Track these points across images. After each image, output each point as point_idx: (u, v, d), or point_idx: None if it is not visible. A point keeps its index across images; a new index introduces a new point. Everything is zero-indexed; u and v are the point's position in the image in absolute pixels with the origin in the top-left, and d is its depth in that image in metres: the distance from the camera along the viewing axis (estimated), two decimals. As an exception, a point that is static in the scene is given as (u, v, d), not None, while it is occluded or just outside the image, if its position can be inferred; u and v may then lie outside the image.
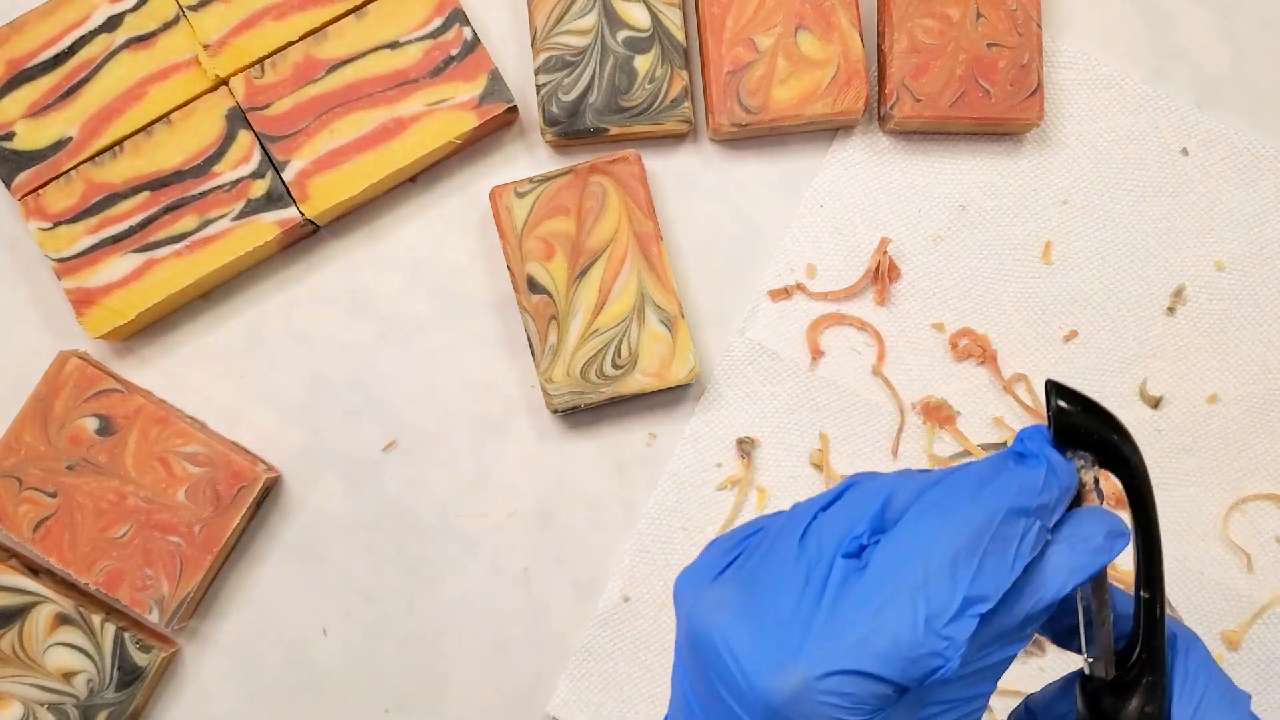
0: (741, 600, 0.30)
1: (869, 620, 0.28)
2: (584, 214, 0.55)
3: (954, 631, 0.28)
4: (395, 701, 0.57)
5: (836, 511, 0.31)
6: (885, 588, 0.28)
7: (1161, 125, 0.59)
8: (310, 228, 0.58)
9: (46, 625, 0.53)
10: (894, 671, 0.28)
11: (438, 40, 0.57)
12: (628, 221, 0.55)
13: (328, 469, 0.58)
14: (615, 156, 0.56)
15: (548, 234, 0.55)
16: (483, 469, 0.58)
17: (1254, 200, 0.59)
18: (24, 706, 0.53)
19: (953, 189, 0.59)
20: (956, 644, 0.28)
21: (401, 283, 0.59)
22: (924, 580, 0.28)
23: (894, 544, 0.29)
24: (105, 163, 0.56)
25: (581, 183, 0.56)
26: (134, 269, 0.55)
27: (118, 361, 0.58)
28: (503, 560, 0.57)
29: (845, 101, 0.56)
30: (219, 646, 0.57)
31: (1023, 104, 0.56)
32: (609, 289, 0.55)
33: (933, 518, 0.29)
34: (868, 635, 0.28)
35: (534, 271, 0.55)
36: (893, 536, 0.29)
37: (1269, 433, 0.57)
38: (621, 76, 0.57)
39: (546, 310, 0.55)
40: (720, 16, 0.56)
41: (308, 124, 0.56)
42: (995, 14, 0.56)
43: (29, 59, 0.56)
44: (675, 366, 0.55)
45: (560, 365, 0.55)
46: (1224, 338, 0.58)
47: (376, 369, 0.58)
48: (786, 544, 0.30)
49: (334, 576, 0.57)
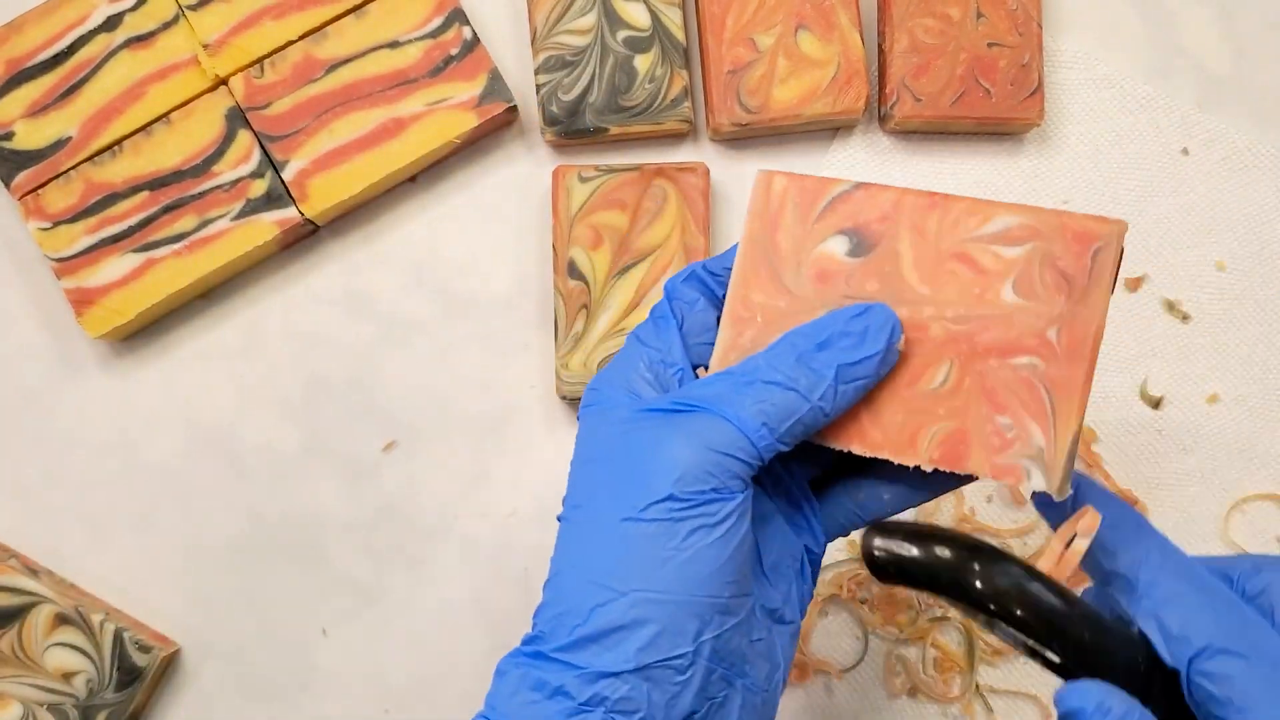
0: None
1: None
2: (640, 214, 0.55)
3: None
4: (395, 701, 0.57)
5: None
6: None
7: (1162, 125, 0.59)
8: (310, 227, 0.58)
9: (46, 625, 0.53)
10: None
11: (437, 40, 0.56)
12: (680, 231, 0.55)
13: (327, 469, 0.58)
14: (684, 165, 0.56)
15: (599, 224, 0.55)
16: (483, 469, 0.58)
17: (1254, 200, 0.59)
18: (23, 707, 0.53)
19: (953, 189, 0.59)
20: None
21: (401, 283, 0.59)
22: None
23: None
24: (105, 162, 0.56)
25: (645, 182, 0.56)
26: (133, 269, 0.55)
27: (117, 361, 0.58)
28: (503, 560, 0.57)
29: (845, 101, 0.56)
30: (218, 646, 0.57)
31: (1023, 104, 0.56)
32: (646, 292, 0.55)
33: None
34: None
35: (576, 257, 0.55)
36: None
37: (1269, 433, 0.57)
38: (621, 76, 0.56)
39: (580, 297, 0.55)
40: (720, 16, 0.56)
41: (307, 124, 0.56)
42: (996, 13, 0.56)
43: (28, 59, 0.56)
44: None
45: (580, 354, 0.55)
46: (1224, 338, 0.58)
47: (376, 369, 0.58)
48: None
49: (334, 576, 0.57)
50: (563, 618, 0.33)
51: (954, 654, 0.55)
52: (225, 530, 0.57)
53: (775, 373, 0.33)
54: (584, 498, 0.35)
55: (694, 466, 0.32)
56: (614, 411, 0.35)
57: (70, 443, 0.58)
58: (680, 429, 0.33)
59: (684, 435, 0.33)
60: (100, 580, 0.57)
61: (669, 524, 0.32)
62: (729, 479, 0.33)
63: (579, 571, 0.33)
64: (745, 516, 0.33)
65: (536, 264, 0.58)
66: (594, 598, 0.32)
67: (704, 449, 0.33)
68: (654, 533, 0.32)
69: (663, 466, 0.33)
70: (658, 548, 0.32)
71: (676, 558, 0.32)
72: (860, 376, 0.33)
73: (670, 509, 0.32)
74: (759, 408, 0.33)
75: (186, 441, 0.58)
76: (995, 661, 0.55)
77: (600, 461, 0.35)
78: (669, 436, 0.33)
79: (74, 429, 0.58)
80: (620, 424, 0.35)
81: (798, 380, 0.33)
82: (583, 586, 0.33)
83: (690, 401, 0.34)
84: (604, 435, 0.35)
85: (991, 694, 0.55)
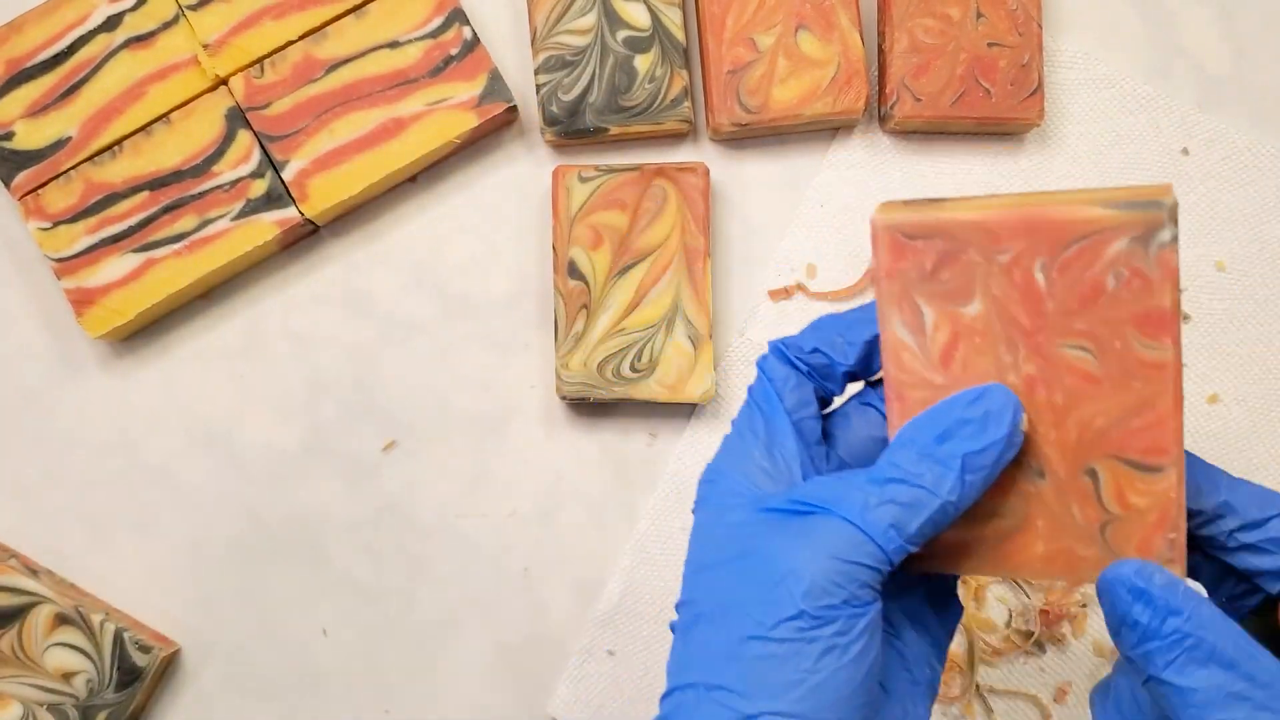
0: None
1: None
2: (640, 214, 0.55)
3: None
4: (395, 701, 0.57)
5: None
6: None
7: (1162, 125, 0.59)
8: (310, 227, 0.58)
9: (46, 625, 0.53)
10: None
11: (437, 40, 0.56)
12: (680, 231, 0.55)
13: (327, 469, 0.58)
14: (684, 165, 0.56)
15: (599, 224, 0.55)
16: (483, 469, 0.58)
17: (1254, 200, 0.59)
18: (23, 707, 0.53)
19: (953, 189, 0.59)
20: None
21: (401, 283, 0.59)
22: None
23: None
24: (105, 162, 0.56)
25: (645, 182, 0.56)
26: (133, 269, 0.55)
27: (117, 361, 0.58)
28: (503, 560, 0.57)
29: (845, 101, 0.56)
30: (218, 646, 0.57)
31: (1023, 104, 0.56)
32: (646, 292, 0.55)
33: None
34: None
35: (576, 257, 0.55)
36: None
37: (1269, 433, 0.57)
38: (621, 76, 0.56)
39: (580, 297, 0.55)
40: (720, 16, 0.56)
41: (307, 124, 0.56)
42: (995, 13, 0.56)
43: (28, 58, 0.56)
44: (692, 384, 0.55)
45: (580, 354, 0.55)
46: (1224, 338, 0.58)
47: (376, 369, 0.58)
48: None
49: (334, 576, 0.57)
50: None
51: (954, 654, 0.55)
52: (225, 530, 0.57)
53: (897, 469, 0.31)
54: (704, 606, 0.33)
55: (822, 577, 0.30)
56: (731, 507, 0.34)
57: (70, 443, 0.58)
58: (804, 534, 0.31)
59: (809, 541, 0.31)
60: (100, 580, 0.57)
61: (799, 644, 0.30)
62: (858, 589, 0.31)
63: (704, 689, 0.31)
64: (877, 633, 0.31)
65: (536, 264, 0.58)
66: (721, 717, 0.31)
67: (831, 557, 0.31)
68: (784, 653, 0.30)
69: (789, 577, 0.31)
70: (789, 669, 0.30)
71: (809, 680, 0.30)
72: (987, 465, 0.31)
73: (799, 628, 0.30)
74: (886, 509, 0.31)
75: (186, 441, 0.58)
76: (995, 661, 0.55)
77: (719, 566, 0.33)
78: (793, 543, 0.31)
79: (74, 429, 0.58)
80: (739, 523, 0.33)
81: (923, 475, 0.31)
82: (710, 704, 0.31)
83: (813, 502, 0.32)
84: (722, 536, 0.34)
85: (991, 694, 0.55)
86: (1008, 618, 0.56)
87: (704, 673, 0.32)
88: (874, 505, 0.31)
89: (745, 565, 0.32)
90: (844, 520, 0.31)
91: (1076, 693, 0.55)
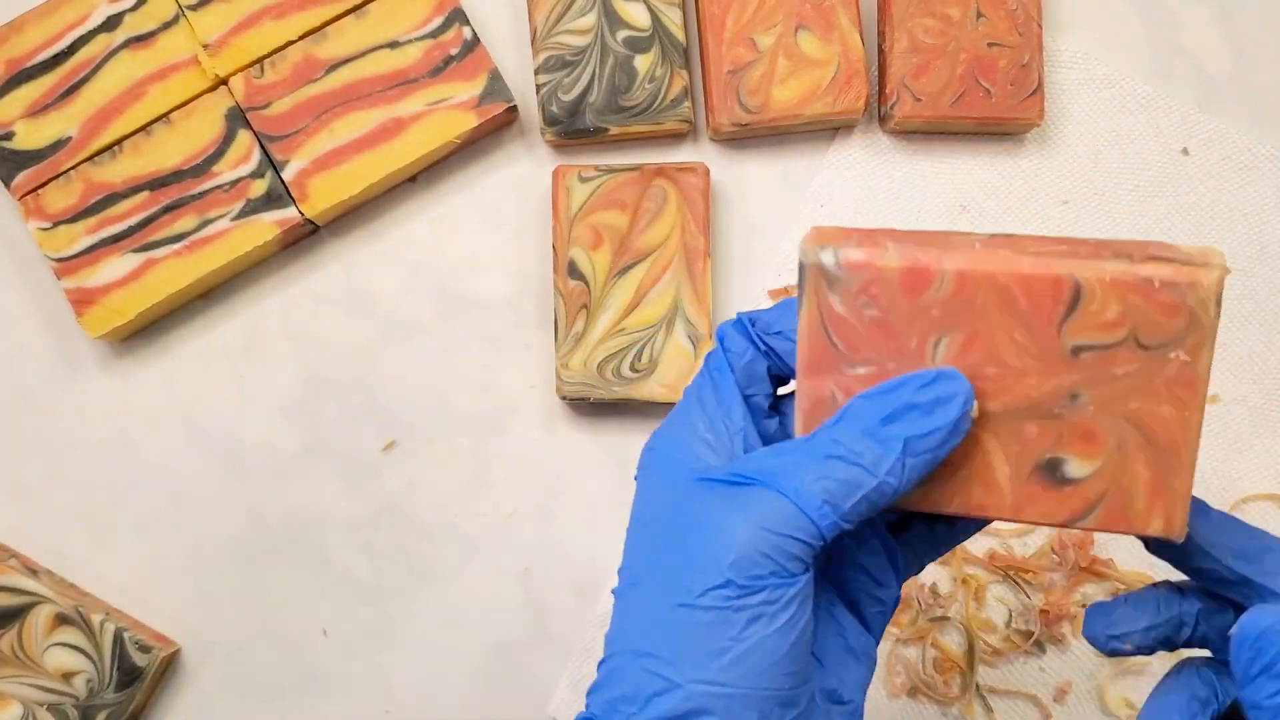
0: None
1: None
2: (640, 214, 0.55)
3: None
4: (395, 702, 0.57)
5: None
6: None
7: (1162, 125, 0.59)
8: (310, 227, 0.58)
9: (46, 625, 0.53)
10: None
11: (437, 40, 0.56)
12: (680, 231, 0.55)
13: (327, 469, 0.58)
14: (684, 165, 0.56)
15: (599, 224, 0.55)
16: (483, 469, 0.58)
17: (1254, 200, 0.59)
18: (23, 707, 0.53)
19: (953, 189, 0.59)
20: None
21: (401, 282, 0.59)
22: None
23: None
24: (105, 162, 0.56)
25: (645, 182, 0.56)
26: (133, 269, 0.55)
27: (117, 361, 0.58)
28: (503, 560, 0.57)
29: (845, 101, 0.56)
30: (219, 646, 0.57)
31: (1023, 104, 0.56)
32: (646, 292, 0.55)
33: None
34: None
35: (576, 257, 0.55)
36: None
37: (1269, 433, 0.57)
38: (621, 76, 0.56)
39: (580, 298, 0.55)
40: (720, 16, 0.56)
41: (307, 124, 0.56)
42: (995, 13, 0.56)
43: (28, 59, 0.56)
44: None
45: (580, 354, 0.55)
46: (1224, 338, 0.58)
47: (376, 369, 0.58)
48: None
49: (334, 576, 0.57)
50: (618, 703, 0.32)
51: (954, 654, 0.55)
52: (225, 530, 0.57)
53: (838, 446, 0.31)
54: (639, 574, 0.33)
55: (750, 548, 0.30)
56: (670, 476, 0.34)
57: (70, 443, 0.58)
58: (737, 505, 0.31)
59: (741, 513, 0.31)
60: (100, 580, 0.57)
61: (726, 612, 0.30)
62: (787, 561, 0.31)
63: (634, 655, 0.32)
64: (806, 603, 0.31)
65: (536, 264, 0.59)
66: (650, 685, 0.31)
67: (761, 529, 0.31)
68: (710, 621, 0.30)
69: (718, 547, 0.31)
70: (715, 637, 0.30)
71: (735, 648, 0.30)
72: (929, 449, 0.31)
73: (726, 596, 0.30)
74: (821, 484, 0.31)
75: (186, 441, 0.58)
76: (995, 661, 0.55)
77: (655, 534, 0.33)
78: (725, 513, 0.31)
79: (74, 429, 0.58)
80: (676, 492, 0.33)
81: (863, 455, 0.31)
82: (638, 672, 0.31)
83: (749, 474, 0.32)
84: (659, 504, 0.34)
85: (991, 694, 0.55)
86: (1008, 618, 0.56)
87: (636, 640, 0.32)
88: (810, 480, 0.31)
89: (678, 534, 0.32)
90: (778, 494, 0.31)
91: (1076, 693, 0.55)
